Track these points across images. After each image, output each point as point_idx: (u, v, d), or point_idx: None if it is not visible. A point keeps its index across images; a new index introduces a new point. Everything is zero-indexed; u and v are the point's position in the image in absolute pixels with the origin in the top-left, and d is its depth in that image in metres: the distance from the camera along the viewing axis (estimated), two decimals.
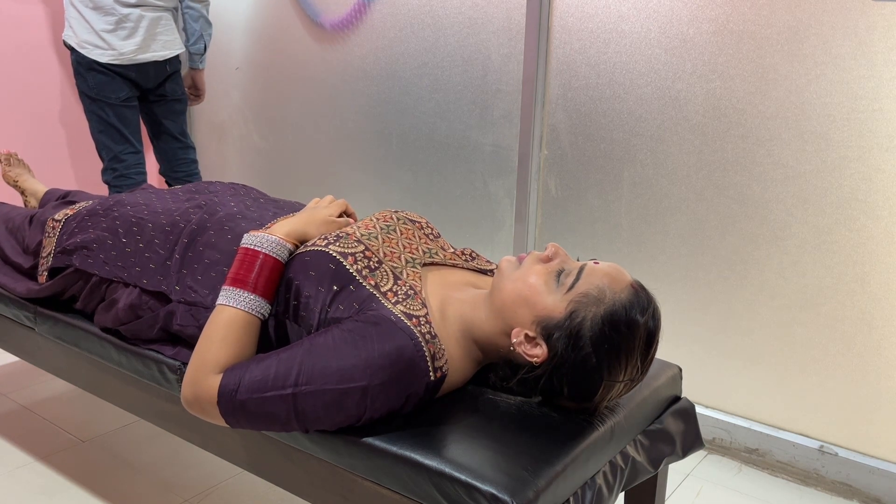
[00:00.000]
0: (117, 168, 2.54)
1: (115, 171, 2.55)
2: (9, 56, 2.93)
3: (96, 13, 2.39)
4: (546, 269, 1.07)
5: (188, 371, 1.09)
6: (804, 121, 1.73)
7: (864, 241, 1.70)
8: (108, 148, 2.52)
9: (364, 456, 1.04)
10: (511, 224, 2.30)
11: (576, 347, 1.01)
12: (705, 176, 1.90)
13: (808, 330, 1.80)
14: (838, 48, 1.66)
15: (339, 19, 2.60)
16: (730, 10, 1.79)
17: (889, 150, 1.64)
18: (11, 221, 1.68)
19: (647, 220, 2.02)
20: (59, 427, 2.00)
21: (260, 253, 1.15)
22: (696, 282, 1.96)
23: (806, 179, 1.75)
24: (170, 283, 1.31)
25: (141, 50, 2.46)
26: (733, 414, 1.96)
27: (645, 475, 1.19)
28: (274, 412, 1.03)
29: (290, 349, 1.06)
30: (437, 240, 1.32)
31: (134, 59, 2.45)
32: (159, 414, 1.38)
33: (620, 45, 1.98)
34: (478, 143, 2.33)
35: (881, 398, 1.73)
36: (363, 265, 1.15)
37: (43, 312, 1.53)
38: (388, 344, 1.02)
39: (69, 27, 2.44)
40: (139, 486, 1.75)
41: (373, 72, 2.55)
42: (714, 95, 1.85)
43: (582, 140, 2.10)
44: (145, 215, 1.43)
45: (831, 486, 1.80)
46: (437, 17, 2.34)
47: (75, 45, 2.42)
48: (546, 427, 1.05)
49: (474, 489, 0.94)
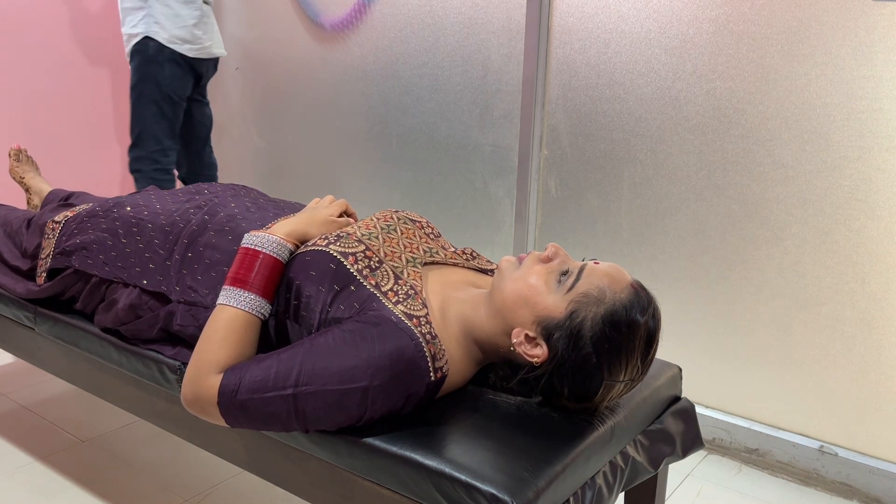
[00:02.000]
0: (161, 162, 2.56)
1: (157, 163, 2.55)
2: (17, 56, 2.94)
3: (187, 7, 2.46)
4: (546, 269, 1.07)
5: (188, 370, 1.09)
6: (804, 121, 1.73)
7: (864, 241, 1.70)
8: (158, 140, 2.53)
9: (364, 456, 1.04)
10: (511, 224, 2.30)
11: (576, 347, 1.01)
12: (705, 176, 1.90)
13: (808, 330, 1.80)
14: (838, 48, 1.66)
15: (339, 19, 2.60)
16: (730, 10, 1.79)
17: (889, 150, 1.64)
18: (9, 225, 1.67)
19: (647, 220, 2.02)
20: (59, 427, 2.00)
21: (260, 253, 1.15)
22: (696, 282, 1.96)
23: (806, 179, 1.75)
24: (170, 284, 1.31)
25: (215, 45, 2.57)
26: (733, 414, 1.96)
27: (645, 475, 1.19)
28: (274, 412, 1.03)
29: (291, 349, 1.06)
30: (438, 239, 1.32)
31: (211, 53, 2.55)
32: (159, 414, 1.38)
33: (620, 45, 1.98)
34: (478, 143, 2.33)
35: (881, 398, 1.73)
36: (364, 265, 1.15)
37: (43, 312, 1.53)
38: (388, 344, 1.02)
39: (154, 23, 2.45)
40: (139, 486, 1.75)
41: (373, 72, 2.55)
42: (714, 95, 1.85)
43: (582, 140, 2.10)
44: (145, 216, 1.43)
45: (831, 486, 1.80)
46: (437, 17, 2.34)
47: (163, 41, 2.44)
48: (546, 427, 1.05)
49: (474, 489, 0.94)
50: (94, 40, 3.20)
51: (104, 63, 3.26)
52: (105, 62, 3.26)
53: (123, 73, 3.36)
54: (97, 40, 3.21)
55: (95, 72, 3.24)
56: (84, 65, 3.20)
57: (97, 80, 3.26)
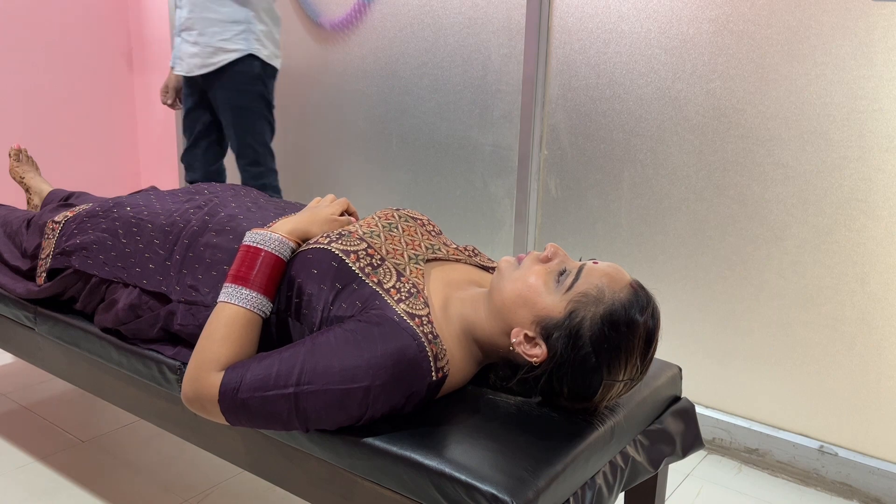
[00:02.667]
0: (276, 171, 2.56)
1: (276, 173, 2.56)
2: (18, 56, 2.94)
3: (277, 26, 2.47)
4: (545, 269, 1.07)
5: (189, 368, 1.08)
6: (804, 121, 1.74)
7: (864, 241, 1.70)
8: (272, 155, 2.54)
9: (364, 456, 1.04)
10: (511, 224, 2.30)
11: (575, 347, 1.01)
12: (705, 176, 1.90)
13: (808, 330, 1.80)
14: (838, 48, 1.67)
15: (339, 19, 2.60)
16: (730, 10, 1.79)
17: (889, 150, 1.64)
18: (9, 225, 1.67)
19: (647, 220, 2.02)
20: (59, 427, 2.00)
21: (262, 250, 1.15)
22: (696, 282, 1.96)
23: (806, 179, 1.75)
24: (170, 284, 1.31)
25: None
26: (733, 414, 1.96)
27: (645, 475, 1.19)
28: (275, 411, 1.03)
29: (292, 348, 1.06)
30: (439, 237, 1.32)
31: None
32: (159, 414, 1.38)
33: (620, 45, 1.98)
34: (478, 143, 2.33)
35: (881, 398, 1.73)
36: (366, 263, 1.15)
37: (43, 312, 1.53)
38: (390, 344, 1.02)
39: (255, 40, 2.41)
40: (139, 486, 1.75)
41: (373, 72, 2.55)
42: (714, 95, 1.85)
43: (582, 140, 2.10)
44: (145, 216, 1.43)
45: (831, 486, 1.80)
46: (437, 17, 2.34)
47: (265, 57, 2.42)
48: (546, 427, 1.05)
49: (474, 489, 0.94)
50: (94, 40, 3.20)
51: (105, 63, 3.26)
52: (106, 62, 3.26)
53: (124, 73, 3.37)
54: (98, 40, 3.21)
55: (96, 72, 3.24)
56: (85, 65, 3.20)
57: (98, 80, 3.26)
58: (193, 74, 2.44)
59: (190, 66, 2.43)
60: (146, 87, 3.41)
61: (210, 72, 2.41)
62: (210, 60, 2.40)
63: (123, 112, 3.38)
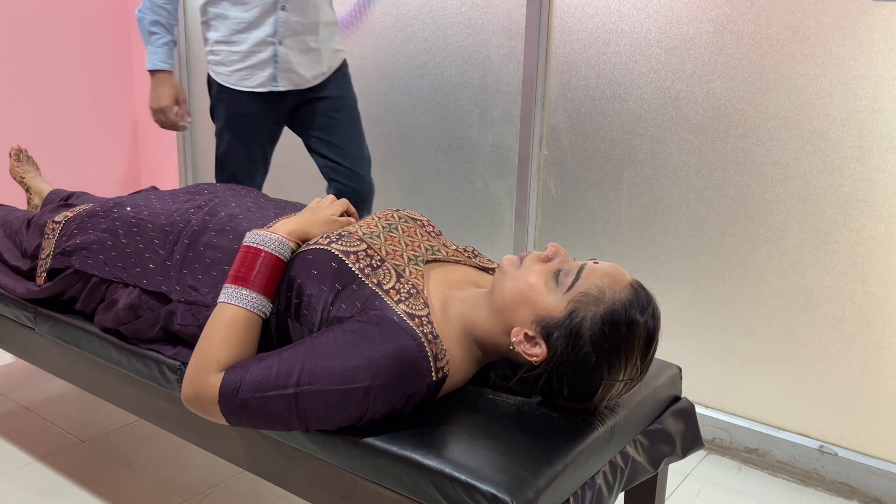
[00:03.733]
0: None
1: None
2: (18, 56, 2.94)
3: None
4: (546, 268, 1.07)
5: (189, 369, 1.09)
6: (804, 121, 1.74)
7: (864, 241, 1.70)
8: None
9: (364, 456, 1.04)
10: (511, 224, 2.30)
11: (575, 347, 1.01)
12: (705, 176, 1.90)
13: (808, 330, 1.80)
14: (838, 48, 1.67)
15: (339, 19, 2.60)
16: (730, 10, 1.79)
17: (889, 150, 1.64)
18: (9, 225, 1.67)
19: (647, 220, 2.02)
20: (59, 427, 2.00)
21: (262, 251, 1.15)
22: (696, 282, 1.96)
23: (806, 179, 1.75)
24: (170, 284, 1.31)
25: None
26: (733, 414, 1.96)
27: (645, 475, 1.19)
28: (275, 412, 1.03)
29: (292, 348, 1.06)
30: (439, 237, 1.32)
31: None
32: (159, 414, 1.38)
33: (620, 45, 1.98)
34: (478, 143, 2.33)
35: (881, 398, 1.73)
36: (365, 263, 1.15)
37: (43, 312, 1.53)
38: (390, 345, 1.02)
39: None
40: (139, 486, 1.75)
41: (373, 72, 2.55)
42: (714, 95, 1.85)
43: (582, 140, 2.10)
44: (145, 216, 1.43)
45: (831, 486, 1.80)
46: (437, 17, 2.34)
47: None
48: (546, 427, 1.05)
49: (474, 489, 0.94)
50: (95, 40, 3.20)
51: (105, 63, 3.26)
52: (107, 62, 3.26)
53: (124, 73, 3.37)
54: (99, 40, 3.21)
55: (96, 72, 3.24)
56: (85, 65, 3.20)
57: (98, 80, 3.26)
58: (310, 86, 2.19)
59: (304, 78, 2.16)
60: (146, 88, 3.41)
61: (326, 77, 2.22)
62: (331, 63, 2.21)
63: (123, 112, 3.38)
